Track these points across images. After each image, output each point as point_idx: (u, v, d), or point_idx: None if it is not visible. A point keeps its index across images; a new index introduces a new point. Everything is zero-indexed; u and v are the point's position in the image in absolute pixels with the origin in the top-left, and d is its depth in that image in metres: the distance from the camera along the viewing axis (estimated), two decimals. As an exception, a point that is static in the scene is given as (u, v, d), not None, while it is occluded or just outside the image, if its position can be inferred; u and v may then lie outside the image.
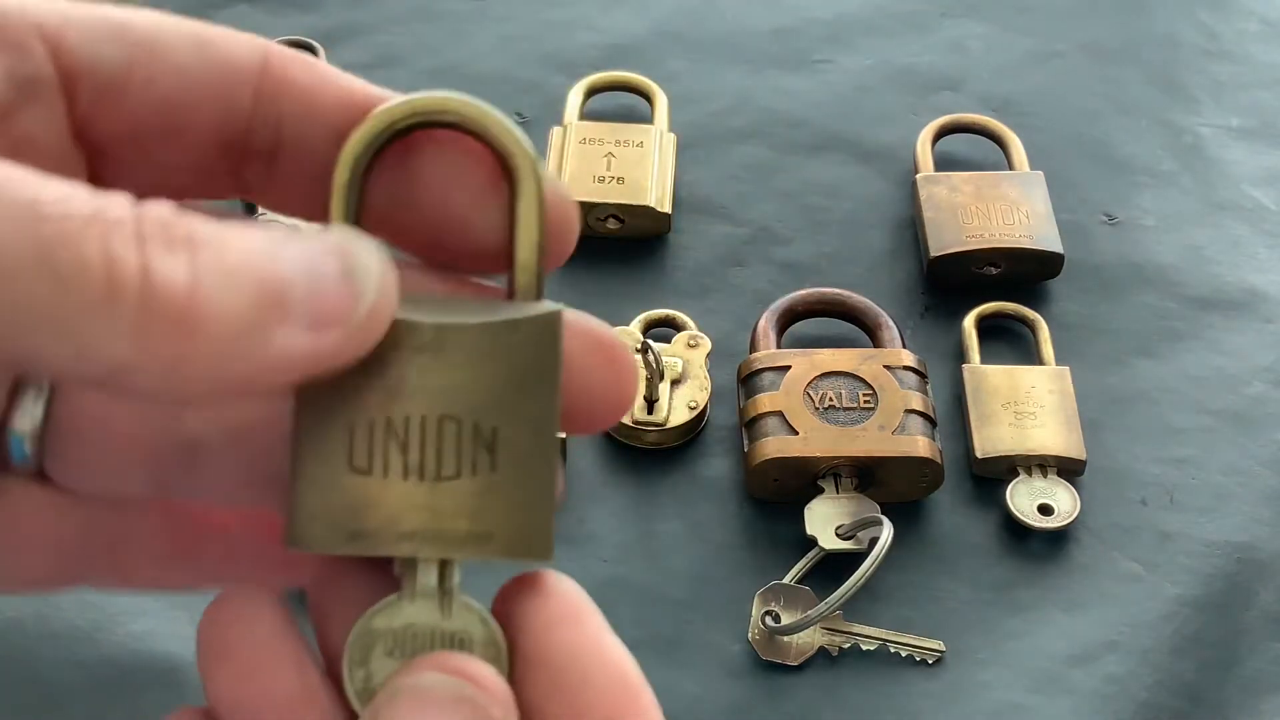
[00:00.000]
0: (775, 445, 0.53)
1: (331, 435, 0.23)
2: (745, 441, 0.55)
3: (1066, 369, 0.58)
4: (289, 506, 0.24)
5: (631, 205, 0.62)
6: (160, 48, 0.23)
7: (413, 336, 0.23)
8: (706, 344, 0.58)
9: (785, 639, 0.51)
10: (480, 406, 0.24)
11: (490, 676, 0.23)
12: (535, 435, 0.24)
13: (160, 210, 0.20)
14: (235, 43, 0.24)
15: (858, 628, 0.51)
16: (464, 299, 0.25)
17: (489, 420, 0.24)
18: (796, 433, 0.53)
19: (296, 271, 0.21)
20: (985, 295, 0.60)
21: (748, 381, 0.56)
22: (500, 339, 0.24)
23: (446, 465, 0.23)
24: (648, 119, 0.66)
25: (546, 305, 0.24)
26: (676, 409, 0.56)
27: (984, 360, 0.58)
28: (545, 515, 0.24)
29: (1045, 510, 0.54)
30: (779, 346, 0.57)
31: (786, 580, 0.52)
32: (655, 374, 0.56)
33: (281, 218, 0.26)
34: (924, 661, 0.51)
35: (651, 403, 0.56)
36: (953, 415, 0.57)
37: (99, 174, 0.24)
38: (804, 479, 0.54)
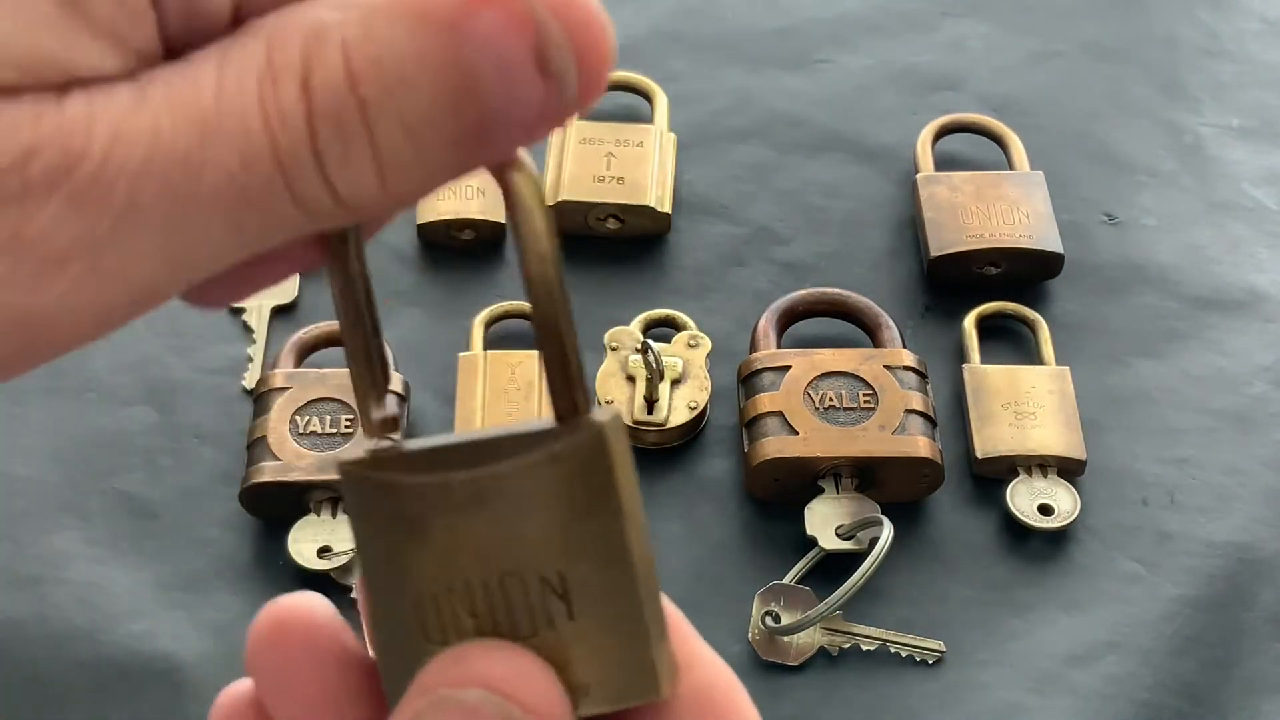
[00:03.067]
0: (775, 445, 0.53)
1: (402, 615, 0.22)
2: (745, 441, 0.55)
3: (1066, 369, 0.58)
4: (386, 692, 0.22)
5: (631, 205, 0.62)
6: None
7: (447, 497, 0.22)
8: (706, 344, 0.58)
9: (785, 639, 0.51)
10: (539, 554, 0.21)
11: (546, 699, 0.21)
12: (608, 567, 0.21)
13: (330, 89, 0.19)
14: None
15: (858, 628, 0.51)
16: (503, 433, 0.22)
17: (552, 566, 0.21)
18: (796, 433, 0.53)
19: (492, 86, 0.19)
20: (985, 295, 0.60)
21: (748, 381, 0.56)
22: (544, 474, 0.21)
23: (521, 625, 0.22)
24: (648, 119, 0.66)
25: (591, 419, 0.21)
26: (676, 409, 0.56)
27: (984, 360, 0.58)
28: (642, 649, 0.22)
29: (1045, 510, 0.54)
30: (779, 346, 0.57)
31: (786, 580, 0.52)
32: (655, 374, 0.56)
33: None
34: (924, 662, 0.51)
35: (651, 403, 0.56)
36: (953, 415, 0.57)
37: None
38: (804, 479, 0.54)
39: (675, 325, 0.59)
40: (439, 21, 0.19)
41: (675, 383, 0.57)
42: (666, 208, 0.63)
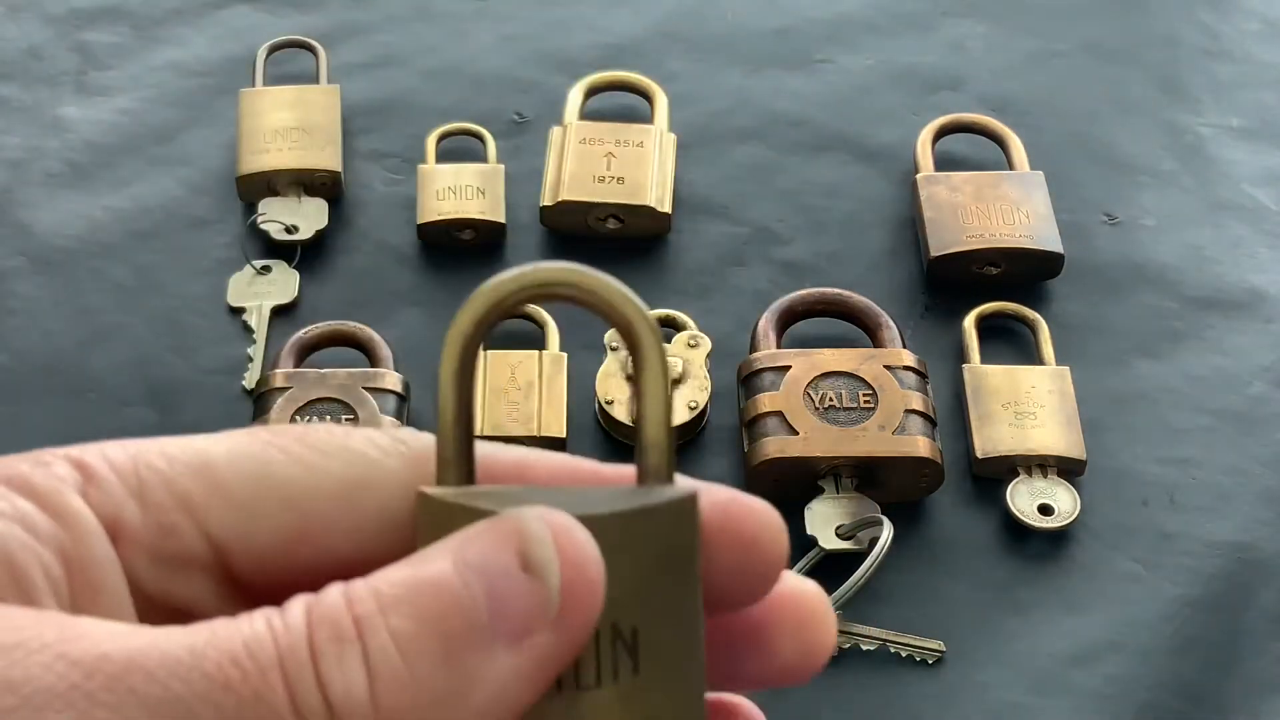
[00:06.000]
0: (775, 445, 0.53)
1: None
2: (745, 441, 0.55)
3: (1066, 369, 0.58)
4: None
5: (631, 205, 0.62)
6: (309, 511, 0.22)
7: None
8: (706, 344, 0.58)
9: (785, 639, 0.51)
10: (617, 606, 0.21)
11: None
12: (678, 630, 0.22)
13: (329, 606, 0.19)
14: (386, 488, 0.22)
15: (858, 628, 0.51)
16: (588, 489, 0.23)
17: (628, 620, 0.21)
18: (796, 433, 0.53)
19: (474, 590, 0.20)
20: (985, 295, 0.60)
21: (748, 381, 0.56)
22: (633, 529, 0.21)
23: (586, 675, 0.21)
24: (648, 119, 0.66)
25: (680, 487, 0.22)
26: (676, 409, 0.56)
27: (984, 360, 0.58)
28: (697, 708, 0.22)
29: (1045, 510, 0.54)
30: (779, 346, 0.57)
31: (786, 580, 0.52)
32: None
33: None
34: (924, 661, 0.51)
35: (651, 403, 0.56)
36: (953, 415, 0.57)
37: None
38: (804, 479, 0.54)
39: (675, 325, 0.59)
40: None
41: (675, 383, 0.57)
42: (666, 208, 0.63)
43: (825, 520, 0.53)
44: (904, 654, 0.51)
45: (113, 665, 0.18)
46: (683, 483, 0.22)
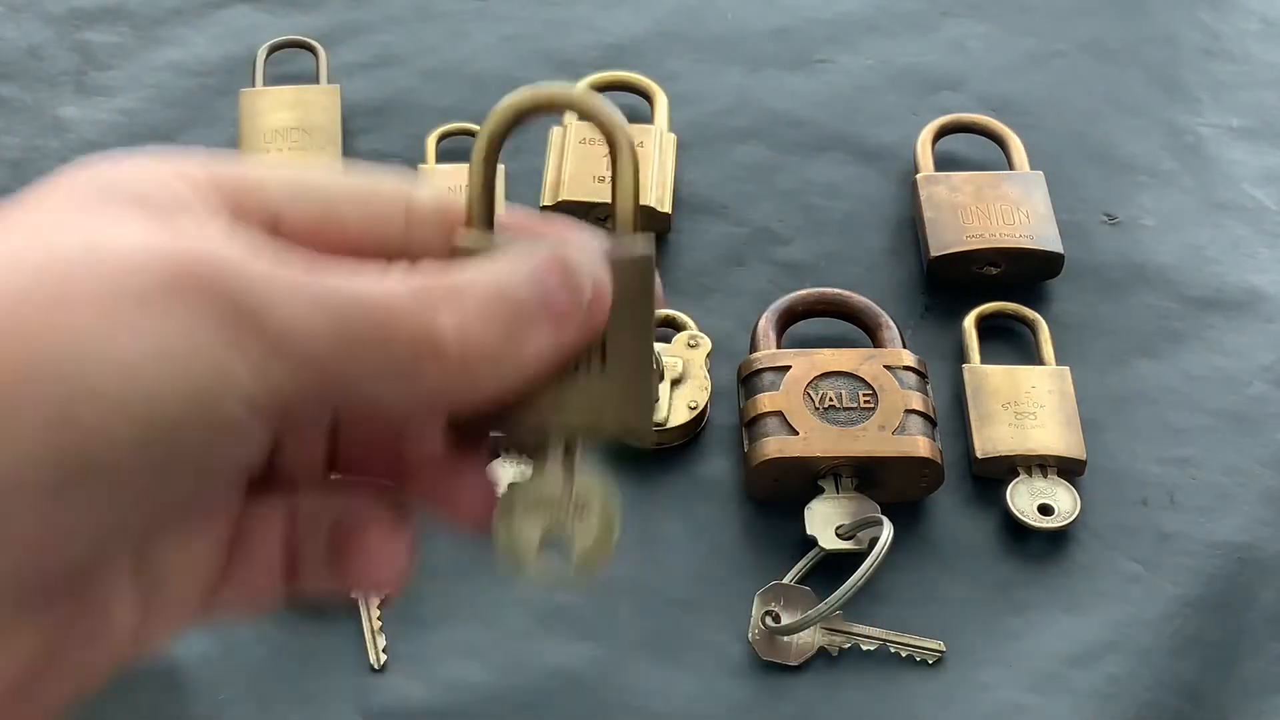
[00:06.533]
0: (775, 445, 0.53)
1: None
2: (745, 441, 0.55)
3: (1066, 369, 0.58)
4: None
5: (631, 205, 0.62)
6: (333, 200, 0.30)
7: None
8: (706, 344, 0.58)
9: (785, 639, 0.51)
10: None
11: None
12: (635, 341, 0.30)
13: (429, 274, 0.27)
14: (392, 197, 0.30)
15: (858, 628, 0.51)
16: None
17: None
18: (796, 433, 0.53)
19: (531, 291, 0.28)
20: (985, 295, 0.60)
21: (748, 381, 0.56)
22: (618, 268, 0.30)
23: (566, 365, 0.29)
24: (648, 119, 0.66)
25: (643, 241, 0.31)
26: (676, 409, 0.56)
27: (984, 360, 0.58)
28: (646, 405, 0.30)
29: (1045, 510, 0.54)
30: (779, 346, 0.57)
31: (786, 580, 0.52)
32: (655, 374, 0.56)
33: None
34: (924, 661, 0.51)
35: (651, 403, 0.56)
36: (953, 415, 0.57)
37: None
38: (804, 479, 0.54)
39: (675, 325, 0.59)
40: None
41: (675, 383, 0.57)
42: (666, 208, 0.63)
43: (825, 520, 0.53)
44: (904, 654, 0.51)
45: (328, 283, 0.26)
46: (643, 238, 0.31)
